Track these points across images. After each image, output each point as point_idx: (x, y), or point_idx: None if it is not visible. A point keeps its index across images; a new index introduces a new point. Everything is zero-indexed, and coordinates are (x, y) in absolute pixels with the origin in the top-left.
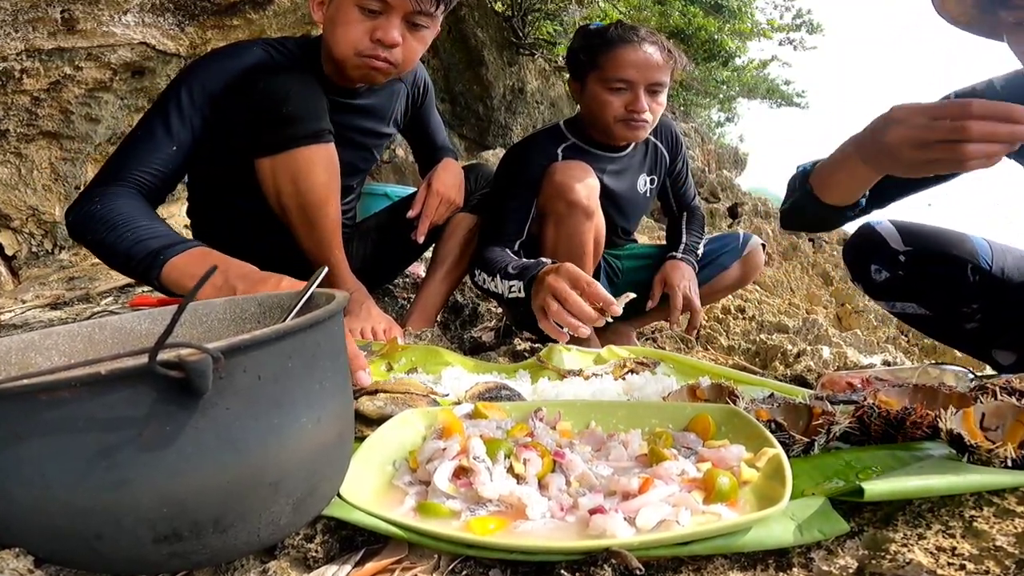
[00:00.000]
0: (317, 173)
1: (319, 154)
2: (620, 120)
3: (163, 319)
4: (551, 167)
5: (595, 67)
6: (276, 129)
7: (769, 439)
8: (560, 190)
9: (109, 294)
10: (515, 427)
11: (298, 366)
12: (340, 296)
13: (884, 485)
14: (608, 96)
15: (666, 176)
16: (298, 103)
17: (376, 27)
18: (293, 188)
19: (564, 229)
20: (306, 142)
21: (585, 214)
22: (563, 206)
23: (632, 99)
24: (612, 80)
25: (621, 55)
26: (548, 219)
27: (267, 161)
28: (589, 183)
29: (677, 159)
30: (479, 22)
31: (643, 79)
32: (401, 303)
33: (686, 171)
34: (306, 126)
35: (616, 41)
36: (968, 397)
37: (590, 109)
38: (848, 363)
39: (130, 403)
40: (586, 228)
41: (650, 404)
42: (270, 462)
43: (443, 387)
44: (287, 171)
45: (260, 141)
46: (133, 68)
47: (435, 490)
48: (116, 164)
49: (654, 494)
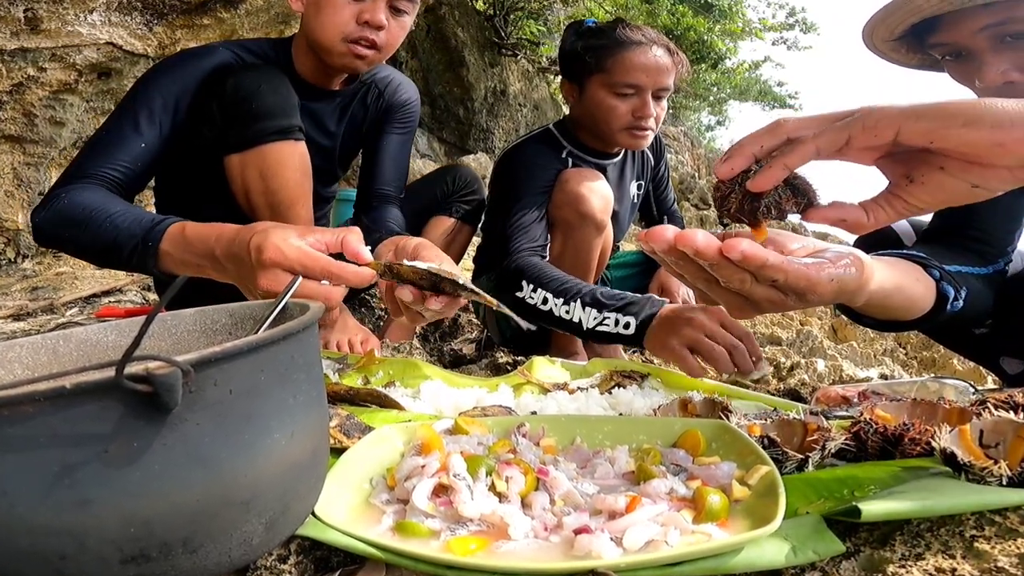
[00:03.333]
0: (288, 170)
1: (289, 151)
2: (625, 127)
3: (130, 331)
4: (564, 174)
5: (601, 70)
6: (245, 125)
7: (762, 456)
8: (574, 200)
9: (74, 304)
10: (497, 443)
11: (271, 380)
12: (314, 307)
13: (881, 504)
14: (614, 101)
15: (650, 181)
16: (268, 99)
17: (363, 9)
18: (263, 186)
19: (572, 240)
20: (276, 138)
21: (596, 227)
22: (575, 216)
23: (640, 104)
24: (620, 85)
25: (631, 58)
26: (556, 228)
27: (236, 158)
28: (603, 193)
29: (660, 163)
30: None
31: (652, 84)
32: (378, 314)
33: (667, 175)
34: (277, 122)
35: (625, 43)
36: (969, 412)
37: (591, 114)
38: (844, 377)
39: (96, 418)
40: (596, 242)
41: (638, 419)
42: (241, 480)
43: (422, 401)
44: (256, 168)
45: (229, 138)
46: (99, 69)
47: (414, 509)
48: (81, 162)
49: (641, 513)
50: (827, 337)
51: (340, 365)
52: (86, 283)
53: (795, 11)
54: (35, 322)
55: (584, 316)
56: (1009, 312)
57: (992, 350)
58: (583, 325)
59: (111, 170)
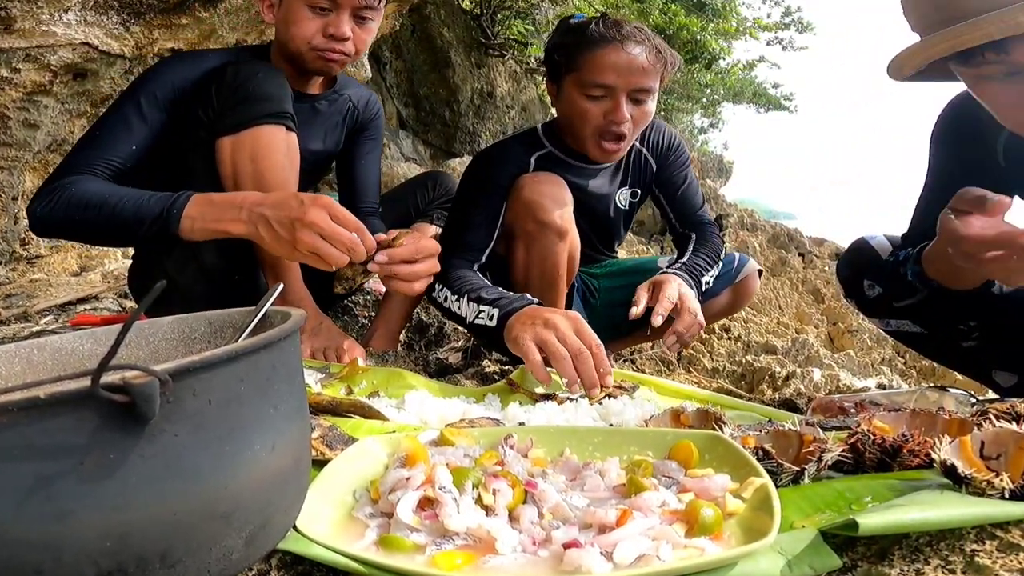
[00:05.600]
0: (277, 154)
1: (280, 135)
2: (596, 131)
3: (107, 339)
4: (520, 180)
5: (572, 69)
6: (241, 106)
7: (756, 468)
8: (530, 209)
9: (49, 312)
10: (484, 455)
11: (251, 389)
12: (296, 314)
13: (879, 518)
14: (585, 103)
15: (653, 186)
16: (265, 85)
17: (327, 23)
18: (252, 168)
19: (535, 251)
20: (269, 120)
21: (558, 234)
22: (533, 226)
23: (612, 107)
24: (590, 85)
25: (601, 56)
26: (517, 240)
27: (228, 140)
28: (561, 199)
29: (668, 166)
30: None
31: (625, 85)
32: (362, 322)
33: (684, 180)
34: (271, 105)
35: (596, 40)
36: (969, 423)
37: (566, 116)
38: (841, 386)
39: (72, 429)
40: (559, 249)
41: (629, 430)
42: (221, 492)
43: (407, 412)
44: (247, 149)
45: (224, 119)
46: (75, 70)
47: (398, 522)
48: (77, 157)
49: (633, 527)
50: (823, 346)
51: (322, 375)
52: (61, 290)
53: (790, 10)
54: (8, 330)
55: (468, 311)
56: (998, 325)
57: (984, 364)
58: (468, 319)
59: (108, 164)
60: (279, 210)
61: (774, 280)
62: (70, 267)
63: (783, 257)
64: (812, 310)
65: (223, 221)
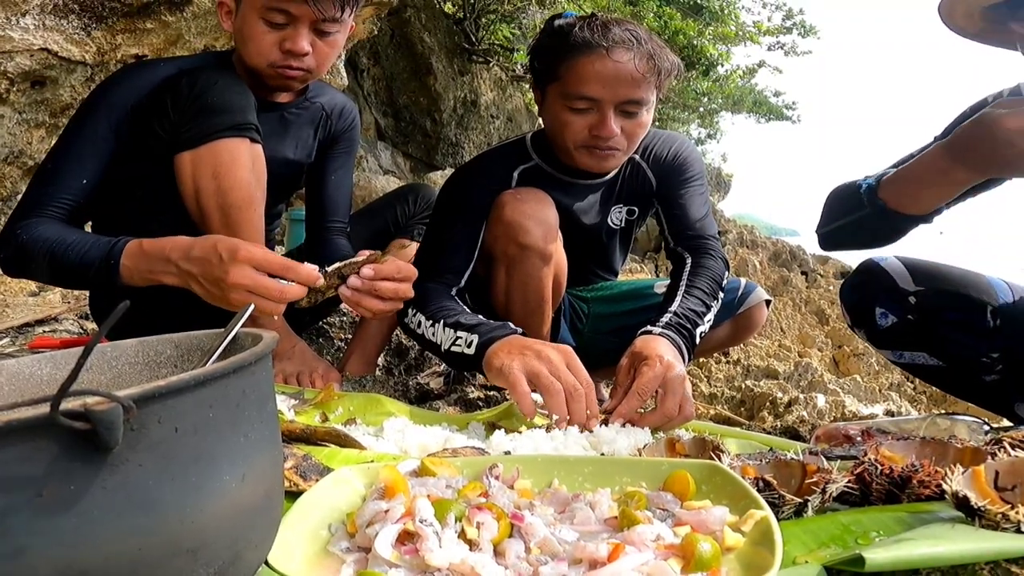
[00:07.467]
0: (241, 169)
1: (244, 149)
2: (582, 146)
3: (67, 363)
4: (500, 198)
5: (554, 78)
6: (198, 120)
7: (756, 500)
8: (511, 230)
9: (5, 335)
10: (467, 486)
11: (220, 417)
12: (268, 337)
13: (887, 553)
14: (568, 116)
15: (653, 202)
16: (225, 95)
17: (284, 38)
18: (214, 185)
19: (517, 275)
20: (230, 134)
21: (541, 258)
22: (515, 249)
23: (598, 121)
24: (573, 96)
25: (584, 65)
26: (498, 263)
27: (188, 156)
28: (545, 218)
29: (670, 181)
30: (426, 25)
31: (612, 97)
32: (337, 344)
33: (688, 195)
34: (231, 117)
35: (580, 46)
36: (983, 452)
37: (550, 128)
38: (846, 413)
39: (28, 459)
40: (543, 274)
41: (621, 460)
42: (188, 526)
43: (385, 440)
44: (208, 165)
45: (181, 134)
46: (33, 78)
47: (376, 557)
48: (31, 196)
49: (625, 562)
50: (828, 370)
51: (296, 401)
52: (18, 311)
53: (792, 13)
54: None
55: (444, 337)
56: (1020, 357)
57: (1006, 397)
58: (441, 346)
59: (60, 202)
60: (204, 267)
61: (776, 300)
62: (28, 287)
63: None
64: (816, 332)
65: (155, 273)
